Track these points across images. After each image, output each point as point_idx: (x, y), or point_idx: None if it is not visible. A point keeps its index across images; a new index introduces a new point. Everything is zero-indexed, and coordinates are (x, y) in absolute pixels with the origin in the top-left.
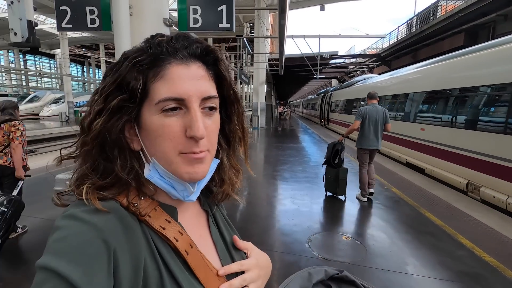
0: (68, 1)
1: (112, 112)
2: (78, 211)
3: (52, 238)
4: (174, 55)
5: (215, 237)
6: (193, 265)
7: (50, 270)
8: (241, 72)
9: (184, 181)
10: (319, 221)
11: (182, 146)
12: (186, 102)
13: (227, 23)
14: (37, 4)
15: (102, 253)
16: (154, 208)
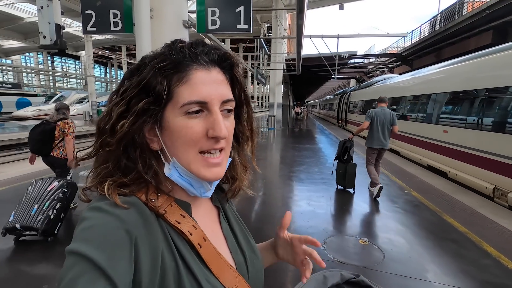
0: (93, 5)
1: (138, 115)
2: (103, 203)
3: (80, 227)
4: (196, 61)
5: (226, 232)
6: (206, 257)
7: (79, 254)
8: (258, 72)
9: (202, 180)
10: (335, 223)
11: (202, 145)
12: (208, 105)
13: (245, 24)
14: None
15: (125, 242)
16: (170, 204)
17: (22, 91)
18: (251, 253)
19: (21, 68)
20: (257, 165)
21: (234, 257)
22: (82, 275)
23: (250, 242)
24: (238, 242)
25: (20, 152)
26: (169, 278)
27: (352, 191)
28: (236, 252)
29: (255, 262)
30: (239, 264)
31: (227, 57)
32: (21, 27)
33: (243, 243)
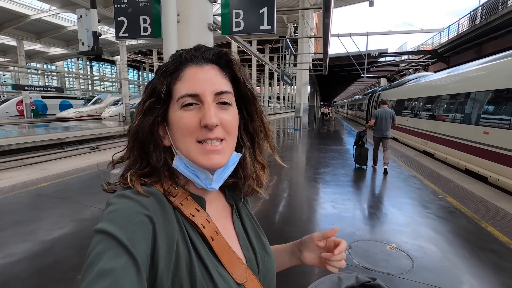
0: (125, 12)
1: (145, 114)
2: (128, 191)
3: (107, 211)
4: (191, 61)
5: (238, 229)
6: (217, 250)
7: (105, 232)
8: (284, 73)
9: (204, 168)
10: (361, 228)
11: (198, 134)
12: (200, 97)
13: (269, 25)
14: (101, 16)
15: (145, 225)
16: (186, 197)
17: (64, 94)
18: (262, 251)
19: (63, 73)
20: (279, 167)
21: (245, 253)
22: (108, 250)
23: (262, 240)
24: (249, 239)
25: (62, 150)
26: (182, 266)
27: (365, 167)
28: (247, 248)
29: (266, 260)
30: (249, 260)
31: (223, 54)
32: (64, 35)
33: (254, 241)
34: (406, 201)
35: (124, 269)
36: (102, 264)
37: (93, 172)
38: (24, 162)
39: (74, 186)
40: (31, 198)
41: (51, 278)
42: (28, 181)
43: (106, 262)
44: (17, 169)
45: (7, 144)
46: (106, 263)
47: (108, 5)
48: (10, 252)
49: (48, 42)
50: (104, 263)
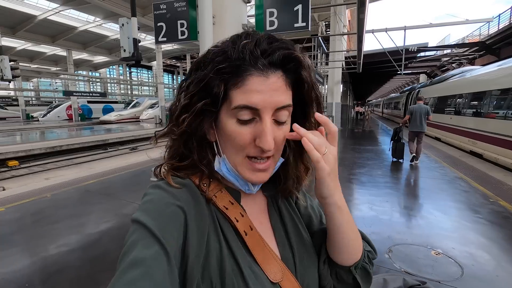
0: (163, 18)
1: (196, 114)
2: (162, 182)
3: (143, 200)
4: (255, 66)
5: (274, 224)
6: (251, 246)
7: (140, 222)
8: (315, 72)
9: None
10: (402, 231)
11: (249, 150)
12: (259, 112)
13: (303, 22)
14: (140, 24)
15: (177, 216)
16: (220, 190)
17: (107, 99)
18: (301, 248)
19: (106, 79)
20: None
21: (281, 250)
22: (141, 239)
23: (303, 237)
24: (287, 235)
25: (106, 151)
26: (212, 259)
27: (402, 161)
28: (283, 245)
29: (305, 258)
30: (285, 258)
31: (293, 58)
32: (106, 44)
33: (293, 237)
34: (451, 204)
35: (155, 259)
36: (135, 253)
37: (134, 171)
38: (73, 161)
39: (117, 184)
40: (80, 194)
41: (99, 269)
42: (77, 178)
43: (139, 252)
44: (67, 167)
45: (59, 145)
46: (138, 253)
47: (146, 13)
48: (64, 243)
49: (93, 51)
50: (137, 252)
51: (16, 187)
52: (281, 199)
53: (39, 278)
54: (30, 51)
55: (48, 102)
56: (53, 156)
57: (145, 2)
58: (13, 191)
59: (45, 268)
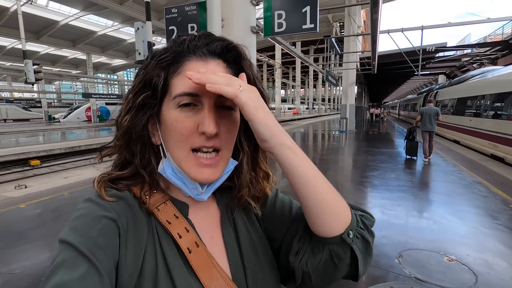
0: (175, 21)
1: (138, 110)
2: (94, 196)
3: (72, 217)
4: (194, 53)
5: (228, 239)
6: (195, 265)
7: (66, 242)
8: (328, 73)
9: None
10: (414, 236)
11: (193, 141)
12: (201, 98)
13: (311, 24)
14: (155, 27)
15: (110, 230)
16: (165, 202)
17: None
18: (256, 268)
19: (123, 81)
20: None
21: (232, 269)
22: (67, 259)
23: (258, 255)
24: (241, 253)
25: None
26: (147, 280)
27: (416, 158)
28: (235, 264)
29: (260, 279)
30: (236, 278)
31: (231, 48)
32: (124, 48)
33: (247, 255)
34: (468, 209)
35: (82, 280)
36: (59, 278)
37: None
38: (90, 161)
39: None
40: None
41: None
42: (93, 178)
43: (63, 275)
44: (85, 167)
45: (77, 145)
46: (62, 276)
47: (161, 17)
48: None
49: (111, 54)
50: (61, 276)
51: (37, 185)
52: (238, 211)
53: None
54: (53, 55)
55: (68, 104)
56: (72, 156)
57: (160, 6)
58: (34, 189)
59: None
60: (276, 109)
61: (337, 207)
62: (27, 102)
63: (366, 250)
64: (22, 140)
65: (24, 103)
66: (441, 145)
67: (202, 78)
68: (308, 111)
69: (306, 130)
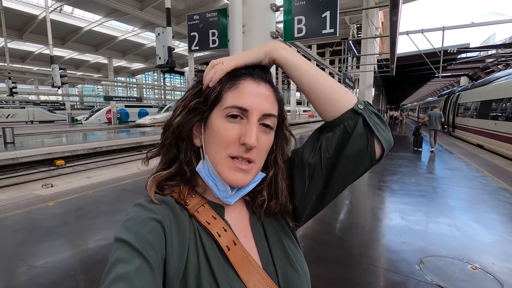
0: (196, 28)
1: (189, 112)
2: (142, 201)
3: (124, 219)
4: (250, 74)
5: (258, 238)
6: (234, 261)
7: (120, 240)
8: (346, 76)
9: (226, 183)
10: (435, 243)
11: (232, 149)
12: (248, 114)
13: (331, 28)
14: (174, 32)
15: (157, 230)
16: (203, 205)
17: (142, 103)
18: (285, 264)
19: (142, 84)
20: None
21: (264, 265)
22: (123, 256)
23: (287, 252)
24: (270, 250)
25: (140, 153)
26: (190, 275)
27: (421, 149)
28: (267, 260)
29: (290, 274)
30: (268, 274)
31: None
32: (143, 52)
33: (276, 253)
34: (493, 216)
35: (138, 272)
36: (118, 270)
37: None
38: (111, 162)
39: None
40: (117, 193)
41: None
42: (114, 178)
43: (121, 268)
44: (106, 167)
45: (99, 146)
46: (121, 269)
47: (179, 22)
48: (103, 237)
49: (131, 58)
50: (120, 269)
51: (63, 184)
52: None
53: (81, 267)
54: (76, 60)
55: (90, 106)
56: (94, 156)
57: (179, 11)
58: (60, 188)
59: (87, 259)
60: (291, 111)
61: (341, 87)
62: (52, 104)
63: (380, 121)
64: (47, 141)
65: (49, 106)
66: (463, 149)
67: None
68: None
69: None
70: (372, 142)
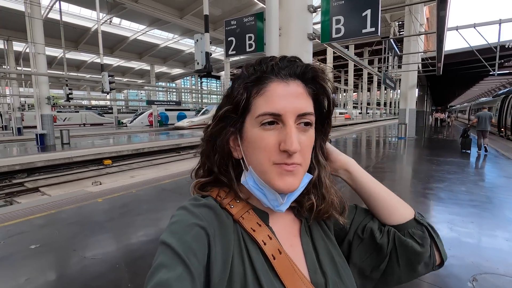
0: (233, 33)
1: (219, 120)
2: (188, 203)
3: (170, 222)
4: (276, 75)
5: (306, 248)
6: (279, 271)
7: (165, 243)
8: (386, 76)
9: (275, 190)
10: (490, 258)
11: (275, 158)
12: (282, 118)
13: (372, 27)
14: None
15: (201, 237)
16: (247, 211)
17: (181, 107)
18: (335, 276)
19: (181, 89)
20: (380, 178)
21: (312, 276)
22: (166, 260)
23: (336, 264)
24: (319, 260)
25: (178, 154)
26: (236, 283)
27: (469, 151)
28: (315, 271)
29: (339, 285)
30: (316, 285)
31: (310, 69)
32: (182, 58)
33: (326, 263)
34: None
35: (179, 280)
36: (160, 275)
37: None
38: (152, 162)
39: (188, 185)
40: (157, 192)
41: None
42: (155, 178)
43: (164, 273)
44: (148, 168)
45: (141, 147)
46: (163, 274)
47: (216, 28)
48: (146, 233)
49: (171, 64)
50: (162, 274)
51: (110, 183)
52: (313, 221)
53: (125, 261)
54: (123, 67)
55: (134, 110)
56: (137, 157)
57: (215, 18)
58: (108, 186)
59: (130, 253)
60: None
61: (399, 198)
62: (101, 108)
63: (436, 233)
64: (97, 142)
65: (99, 110)
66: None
67: None
68: (362, 116)
69: (359, 136)
70: (433, 250)
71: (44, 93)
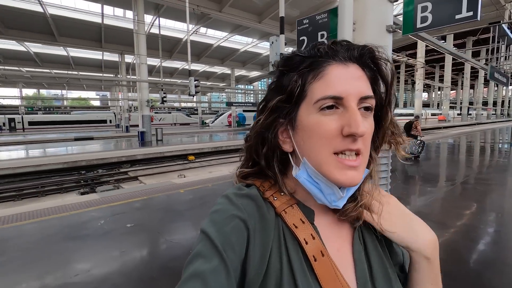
0: (305, 32)
1: (271, 111)
2: (230, 192)
3: (212, 209)
4: (334, 57)
5: (358, 256)
6: (319, 274)
7: (205, 233)
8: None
9: (334, 183)
10: None
11: (336, 145)
12: (344, 101)
13: (469, 11)
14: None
15: (240, 230)
16: (291, 205)
17: None
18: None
19: (257, 91)
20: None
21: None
22: (204, 250)
23: (390, 280)
24: (371, 274)
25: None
26: (270, 280)
27: None
28: (365, 283)
29: None
30: None
31: (368, 50)
32: (259, 61)
33: (379, 278)
34: None
35: (214, 273)
36: (197, 265)
37: None
38: (228, 160)
39: None
40: (229, 187)
41: None
42: (229, 174)
43: (200, 264)
44: (224, 164)
45: (220, 146)
46: (199, 265)
47: (293, 29)
48: None
49: (250, 67)
50: (198, 264)
51: (191, 176)
52: (368, 231)
53: None
54: (207, 72)
55: (216, 111)
56: (216, 154)
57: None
58: (190, 179)
59: None
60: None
61: None
62: (189, 110)
63: None
64: (183, 140)
65: (186, 111)
66: None
67: None
68: (461, 118)
69: (456, 141)
70: None
71: (145, 96)
